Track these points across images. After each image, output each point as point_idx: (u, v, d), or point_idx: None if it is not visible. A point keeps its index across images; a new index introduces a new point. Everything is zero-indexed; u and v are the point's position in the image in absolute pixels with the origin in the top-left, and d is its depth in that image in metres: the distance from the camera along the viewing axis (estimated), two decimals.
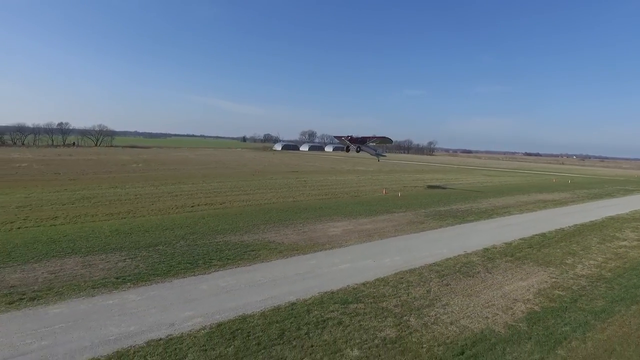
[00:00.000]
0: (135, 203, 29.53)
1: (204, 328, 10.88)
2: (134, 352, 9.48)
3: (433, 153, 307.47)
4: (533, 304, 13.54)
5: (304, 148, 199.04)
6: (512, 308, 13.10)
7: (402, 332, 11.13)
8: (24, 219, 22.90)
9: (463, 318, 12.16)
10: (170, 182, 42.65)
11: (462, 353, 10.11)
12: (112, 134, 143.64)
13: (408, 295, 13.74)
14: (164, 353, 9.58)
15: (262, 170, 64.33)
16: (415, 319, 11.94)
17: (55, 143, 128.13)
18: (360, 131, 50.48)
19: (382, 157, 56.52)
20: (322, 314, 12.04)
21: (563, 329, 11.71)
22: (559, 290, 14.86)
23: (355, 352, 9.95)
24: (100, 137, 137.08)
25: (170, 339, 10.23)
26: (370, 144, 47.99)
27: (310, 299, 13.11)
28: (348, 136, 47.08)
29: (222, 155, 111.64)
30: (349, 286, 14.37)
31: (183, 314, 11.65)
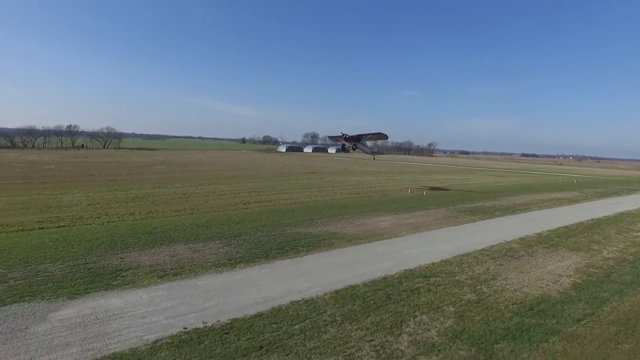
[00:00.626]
0: (190, 201, 32.44)
1: (326, 294, 13.93)
2: (294, 309, 12.53)
3: (433, 154, 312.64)
4: (574, 278, 16.75)
5: (308, 150, 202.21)
6: (559, 281, 16.30)
7: (480, 296, 14.28)
8: (106, 215, 25.79)
9: (523, 287, 15.33)
10: (206, 183, 45.54)
11: (532, 309, 13.27)
12: (119, 136, 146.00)
13: (473, 272, 16.90)
14: (308, 308, 12.63)
15: (283, 171, 67.34)
16: (487, 288, 15.10)
17: (64, 145, 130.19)
18: (358, 132, 47.57)
19: (380, 157, 58.73)
20: (412, 284, 15.16)
21: (603, 294, 14.92)
22: (593, 269, 18.10)
23: (452, 309, 13.08)
24: (108, 139, 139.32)
25: (306, 301, 13.27)
26: (365, 141, 47.00)
27: (396, 274, 16.21)
28: (343, 134, 45.50)
29: (233, 157, 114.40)
30: (421, 266, 17.49)
31: (303, 285, 14.70)
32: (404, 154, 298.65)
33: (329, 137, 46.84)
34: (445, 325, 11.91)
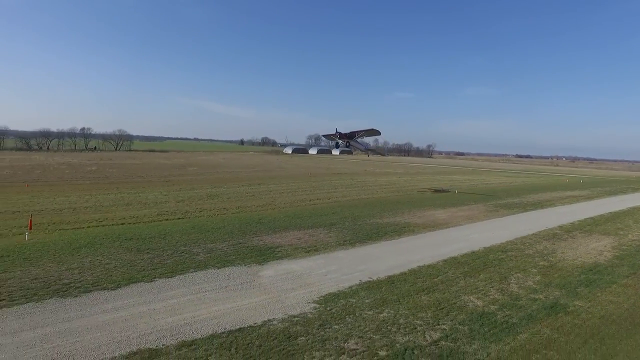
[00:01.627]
0: (261, 199, 37.22)
1: (438, 262, 18.94)
2: (426, 270, 17.62)
3: (431, 155, 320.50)
4: (613, 252, 22.08)
5: (313, 151, 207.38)
6: (602, 254, 21.61)
7: (550, 263, 19.49)
8: (204, 210, 30.50)
9: (578, 258, 20.60)
10: (254, 183, 50.33)
11: (591, 270, 18.52)
12: (130, 138, 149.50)
13: (535, 249, 22.14)
14: (435, 270, 17.65)
15: (312, 173, 72.31)
16: (552, 258, 20.33)
17: (77, 147, 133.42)
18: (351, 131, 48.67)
19: (382, 158, 63.16)
20: (496, 256, 20.31)
21: (638, 262, 20.23)
22: (624, 247, 23.51)
23: (534, 270, 18.25)
24: (120, 141, 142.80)
25: (428, 265, 18.30)
26: (358, 138, 47.87)
27: (478, 250, 21.35)
28: (337, 132, 46.40)
29: (248, 159, 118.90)
30: (493, 245, 22.66)
31: (415, 257, 19.68)
32: (404, 155, 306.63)
33: (323, 135, 49.24)
34: (536, 279, 17.06)
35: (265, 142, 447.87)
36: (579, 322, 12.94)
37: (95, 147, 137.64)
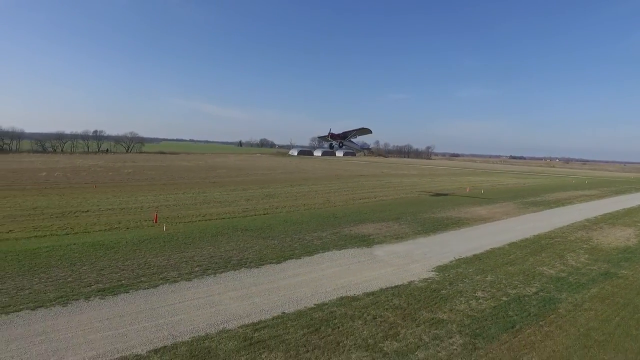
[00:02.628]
0: (314, 198, 41.95)
1: (503, 246, 23.94)
2: (499, 252, 22.61)
3: (430, 157, 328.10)
4: (637, 239, 27.33)
5: (317, 153, 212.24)
6: (629, 240, 26.85)
7: (591, 246, 24.64)
8: (274, 207, 35.13)
9: (611, 243, 25.82)
10: (295, 184, 55.07)
11: (625, 251, 23.76)
12: (141, 140, 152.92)
13: (575, 236, 27.30)
14: (505, 251, 22.64)
15: (338, 175, 77.21)
16: (591, 242, 25.51)
17: (90, 149, 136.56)
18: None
19: (384, 160, 68.79)
20: (546, 242, 25.41)
21: None
22: None
23: (581, 251, 23.37)
24: (132, 143, 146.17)
25: (498, 248, 23.28)
26: (352, 138, 48.74)
27: (530, 237, 26.41)
28: (329, 133, 47.21)
29: (265, 161, 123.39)
30: (540, 234, 27.74)
31: (483, 242, 24.63)
32: (404, 156, 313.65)
33: (318, 137, 49.04)
34: (585, 257, 22.17)
35: (264, 143, 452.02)
36: (629, 283, 18.01)
37: (107, 150, 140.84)
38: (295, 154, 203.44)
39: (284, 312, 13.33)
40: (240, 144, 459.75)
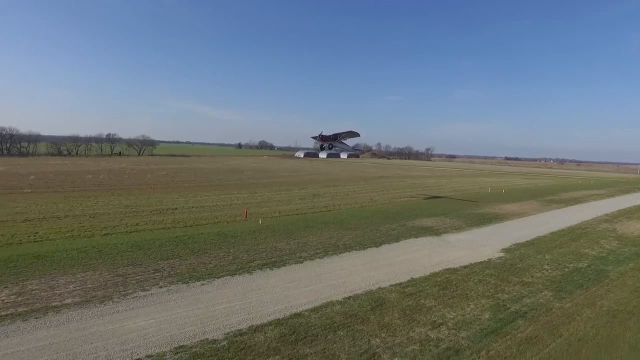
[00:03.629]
0: (357, 197, 46.81)
1: (546, 235, 29.02)
2: (547, 238, 27.72)
3: (430, 159, 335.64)
4: None
5: (323, 155, 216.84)
6: None
7: (617, 235, 29.88)
8: (334, 205, 39.91)
9: (634, 232, 31.13)
10: (330, 185, 59.90)
11: None
12: (152, 143, 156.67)
13: (601, 227, 32.55)
14: (549, 239, 27.70)
15: (361, 176, 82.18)
16: (617, 232, 30.76)
17: (103, 152, 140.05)
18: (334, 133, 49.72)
19: (387, 162, 73.92)
20: (580, 232, 30.61)
21: None
22: None
23: (611, 238, 28.61)
24: (144, 146, 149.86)
25: (543, 236, 28.37)
26: (341, 140, 49.69)
27: (564, 228, 31.58)
28: (320, 135, 48.45)
29: (283, 163, 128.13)
30: (571, 226, 32.92)
31: (527, 232, 29.71)
32: (404, 158, 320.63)
33: (311, 137, 50.92)
34: (615, 243, 27.36)
35: (263, 145, 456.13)
36: None
37: (120, 152, 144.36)
38: (302, 156, 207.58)
39: (412, 278, 18.19)
40: (239, 146, 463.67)
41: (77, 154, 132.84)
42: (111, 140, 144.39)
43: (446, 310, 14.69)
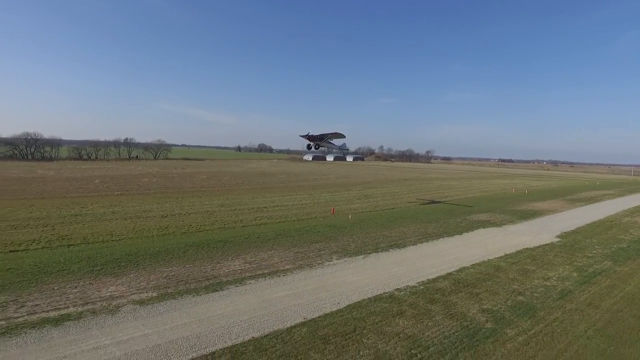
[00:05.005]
0: (400, 198, 53.52)
1: (586, 225, 36.04)
2: (592, 227, 34.73)
3: (430, 161, 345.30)
4: None
5: (330, 158, 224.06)
6: None
7: None
8: (385, 204, 46.53)
9: None
10: (369, 187, 66.58)
11: None
12: (168, 147, 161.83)
13: (626, 220, 39.76)
14: (585, 229, 34.76)
15: (387, 179, 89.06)
16: (639, 224, 37.91)
17: (121, 156, 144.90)
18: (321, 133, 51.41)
19: (391, 164, 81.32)
20: (610, 223, 37.72)
21: None
22: None
23: (637, 227, 35.70)
24: (160, 150, 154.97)
25: (587, 225, 35.32)
26: (328, 140, 51.35)
27: (596, 221, 38.66)
28: (307, 134, 49.17)
29: (303, 167, 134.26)
30: (600, 219, 40.02)
31: (566, 224, 36.70)
32: (406, 160, 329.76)
33: (300, 135, 50.61)
34: None
35: (262, 148, 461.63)
36: None
37: (137, 156, 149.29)
38: (310, 159, 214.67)
39: (505, 254, 24.85)
40: (239, 149, 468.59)
41: (96, 157, 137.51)
42: (128, 144, 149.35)
43: (545, 271, 21.40)
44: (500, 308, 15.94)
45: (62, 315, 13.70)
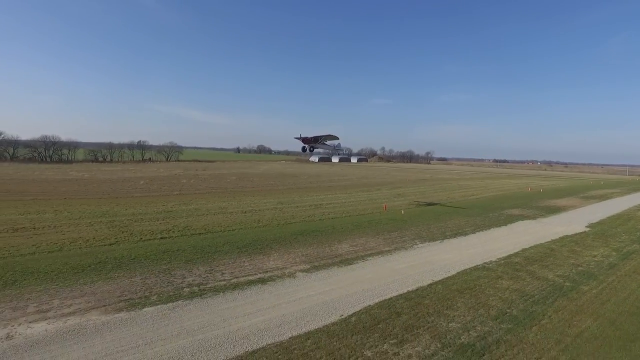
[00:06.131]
0: (432, 195, 58.97)
1: (611, 217, 41.74)
2: (614, 218, 40.44)
3: (430, 162, 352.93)
4: None
5: (335, 160, 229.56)
6: None
7: None
8: (417, 201, 51.93)
9: None
10: (396, 187, 71.99)
11: None
12: (179, 149, 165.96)
13: (639, 214, 45.53)
14: (607, 222, 40.48)
15: (407, 179, 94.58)
16: None
17: (134, 158, 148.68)
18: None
19: (395, 165, 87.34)
20: (625, 217, 43.59)
21: None
22: None
23: None
24: (172, 152, 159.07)
25: (601, 220, 41.05)
26: (323, 142, 52.15)
27: (614, 214, 44.50)
28: (301, 136, 49.91)
29: (311, 168, 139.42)
30: (618, 212, 45.88)
31: (588, 217, 42.40)
32: (407, 161, 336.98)
33: (294, 137, 50.79)
34: None
35: (262, 150, 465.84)
36: None
37: (150, 158, 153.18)
38: (316, 160, 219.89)
39: (552, 239, 30.29)
40: (237, 150, 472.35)
41: (111, 160, 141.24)
42: (142, 146, 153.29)
43: (590, 251, 26.88)
44: (569, 274, 21.31)
45: (258, 278, 18.74)
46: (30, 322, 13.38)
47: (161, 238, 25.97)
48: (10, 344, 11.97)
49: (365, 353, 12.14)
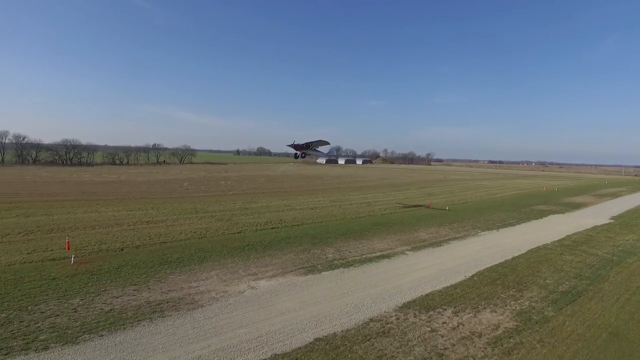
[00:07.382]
0: (459, 195, 64.93)
1: (623, 212, 48.00)
2: (628, 215, 46.65)
3: (430, 163, 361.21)
4: None
5: (341, 161, 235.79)
6: None
7: None
8: (453, 199, 57.83)
9: None
10: (426, 187, 77.90)
11: None
12: (193, 151, 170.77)
13: None
14: (628, 215, 46.71)
15: (424, 179, 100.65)
16: None
17: (149, 161, 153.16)
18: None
19: (399, 167, 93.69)
20: None
21: None
22: None
23: None
24: (185, 155, 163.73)
25: (620, 214, 47.29)
26: (315, 147, 52.18)
27: (631, 209, 50.86)
28: (294, 143, 50.84)
29: (324, 170, 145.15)
30: (635, 207, 52.20)
31: (610, 212, 48.59)
32: (408, 163, 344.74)
33: (287, 145, 51.39)
34: None
35: (262, 152, 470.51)
36: None
37: (164, 161, 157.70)
38: (324, 162, 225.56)
39: (586, 228, 36.24)
40: (237, 152, 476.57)
41: (128, 162, 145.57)
42: (157, 149, 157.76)
43: (622, 237, 32.89)
44: (614, 252, 27.21)
45: (380, 255, 24.29)
46: (253, 280, 18.82)
47: (271, 228, 31.44)
48: (254, 293, 17.40)
49: (500, 295, 17.82)
